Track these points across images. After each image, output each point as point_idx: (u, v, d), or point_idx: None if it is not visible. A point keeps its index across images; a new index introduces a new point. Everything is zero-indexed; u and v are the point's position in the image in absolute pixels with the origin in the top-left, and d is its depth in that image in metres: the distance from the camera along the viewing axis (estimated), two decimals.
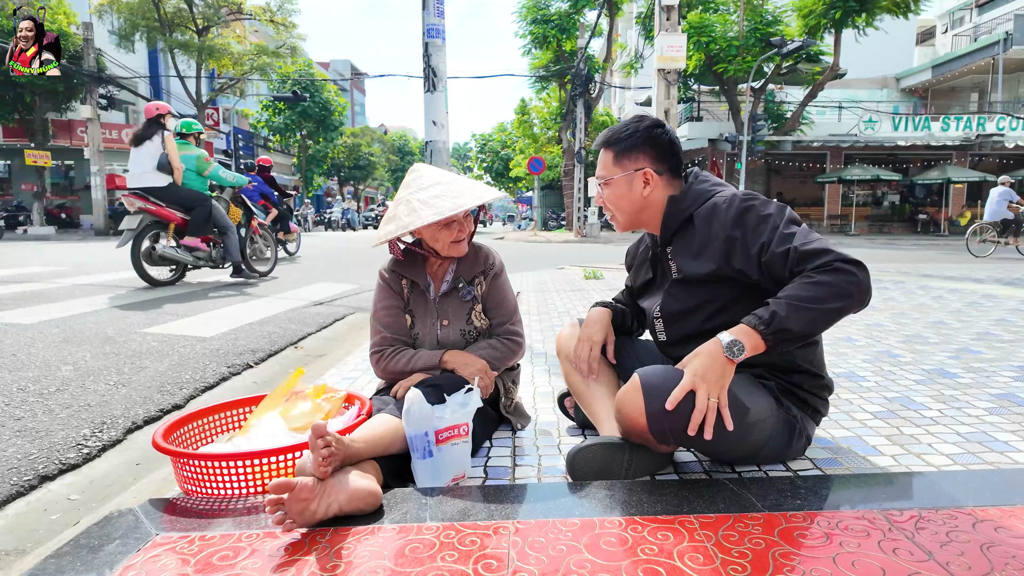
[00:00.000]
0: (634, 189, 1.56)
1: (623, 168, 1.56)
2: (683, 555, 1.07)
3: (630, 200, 1.57)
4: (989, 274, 6.69)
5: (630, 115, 1.74)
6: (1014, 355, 2.76)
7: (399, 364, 1.75)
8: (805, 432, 1.51)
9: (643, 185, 1.55)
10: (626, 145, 1.56)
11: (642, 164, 1.55)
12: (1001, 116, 21.12)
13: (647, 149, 1.55)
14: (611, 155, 1.58)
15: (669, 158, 1.57)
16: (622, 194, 1.58)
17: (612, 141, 1.59)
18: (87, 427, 2.06)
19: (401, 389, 1.68)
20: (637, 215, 1.60)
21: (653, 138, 1.55)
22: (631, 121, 1.59)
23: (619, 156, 1.57)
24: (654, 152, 1.55)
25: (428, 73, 4.07)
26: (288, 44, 26.75)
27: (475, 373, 1.68)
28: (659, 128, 1.56)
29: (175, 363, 2.90)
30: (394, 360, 1.76)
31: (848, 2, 17.44)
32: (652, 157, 1.55)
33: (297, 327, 3.88)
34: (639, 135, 1.55)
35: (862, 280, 1.26)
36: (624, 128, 1.58)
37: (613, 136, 1.59)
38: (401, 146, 50.28)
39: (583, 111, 19.55)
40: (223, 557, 1.10)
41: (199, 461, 1.37)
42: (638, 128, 1.56)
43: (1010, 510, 1.21)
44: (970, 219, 22.07)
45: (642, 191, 1.55)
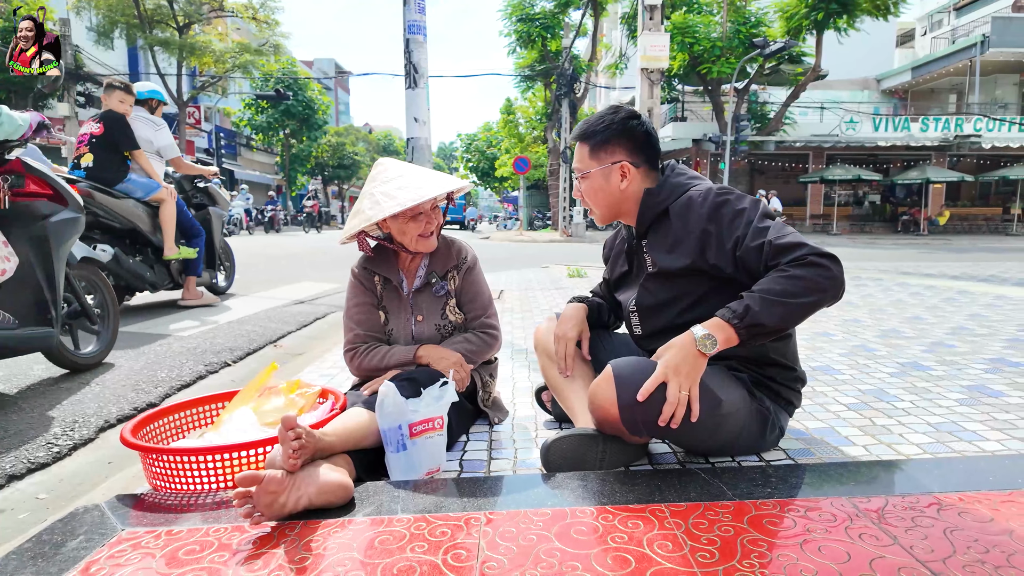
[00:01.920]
0: (611, 182, 1.55)
1: (600, 161, 1.55)
2: (652, 542, 1.07)
3: (607, 193, 1.57)
4: (964, 271, 6.81)
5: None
6: (986, 348, 2.80)
7: (373, 361, 1.74)
8: (778, 424, 1.52)
9: (620, 178, 1.54)
10: (602, 138, 1.54)
11: (619, 157, 1.54)
12: (978, 117, 21.48)
13: (623, 141, 1.54)
14: (587, 148, 1.57)
15: (646, 150, 1.56)
16: (599, 187, 1.57)
17: (588, 134, 1.57)
18: (58, 426, 2.02)
19: (370, 388, 1.67)
20: (615, 208, 1.59)
21: (629, 130, 1.54)
22: (606, 113, 1.57)
23: (595, 149, 1.55)
24: (630, 144, 1.54)
25: (409, 70, 4.06)
26: (271, 42, 26.47)
27: (450, 366, 1.67)
28: (635, 119, 1.55)
29: (151, 361, 2.86)
30: (368, 357, 1.75)
31: (830, 4, 17.65)
32: (629, 149, 1.54)
33: (277, 325, 3.85)
34: (615, 127, 1.53)
35: (835, 273, 1.26)
36: (599, 120, 1.56)
37: (589, 129, 1.57)
38: (386, 145, 50.04)
39: (568, 111, 19.59)
40: (189, 551, 1.08)
41: (167, 456, 1.36)
42: (614, 120, 1.54)
43: (974, 496, 1.23)
44: (949, 218, 22.47)
45: (619, 184, 1.55)
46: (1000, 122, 21.43)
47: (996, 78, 24.70)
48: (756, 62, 19.09)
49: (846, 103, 23.78)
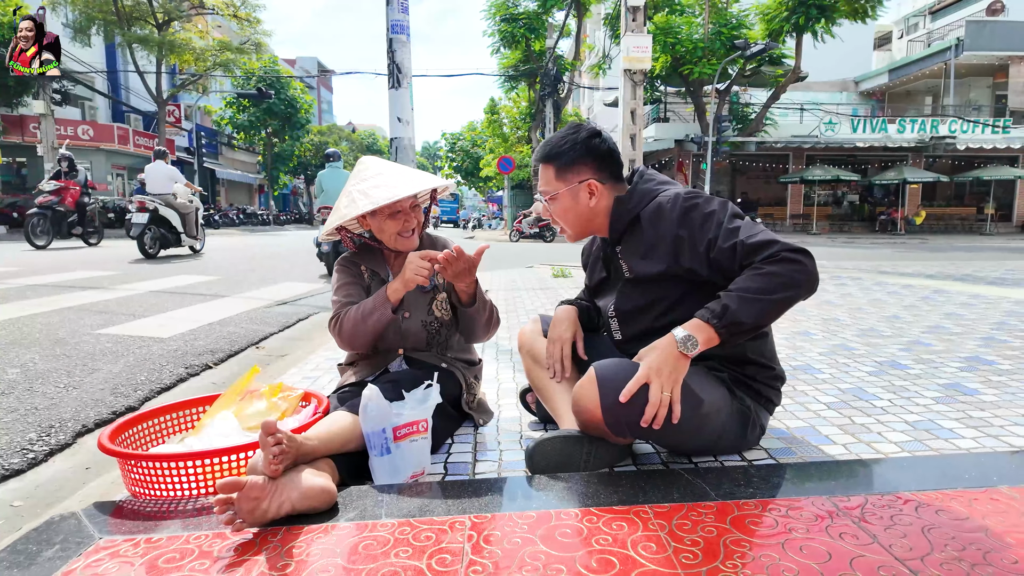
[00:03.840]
0: (580, 201, 1.55)
1: (566, 182, 1.55)
2: (637, 544, 1.07)
3: (576, 212, 1.57)
4: (940, 270, 6.94)
5: (599, 116, 1.74)
6: (961, 347, 2.86)
7: (349, 319, 1.67)
8: (759, 422, 1.54)
9: (588, 196, 1.55)
10: (567, 159, 1.54)
11: (585, 176, 1.54)
12: (953, 119, 21.90)
13: (588, 160, 1.54)
14: (552, 170, 1.57)
15: (610, 165, 1.57)
16: (568, 207, 1.57)
17: (552, 155, 1.56)
18: (33, 431, 1.98)
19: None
20: (586, 225, 1.60)
21: (592, 148, 1.54)
22: (568, 133, 1.57)
23: (561, 170, 1.56)
24: (595, 163, 1.55)
25: (392, 69, 4.04)
26: (253, 40, 26.20)
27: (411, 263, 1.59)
28: (597, 138, 1.56)
29: (130, 364, 2.82)
30: (346, 317, 1.68)
31: (809, 8, 17.91)
32: (593, 168, 1.55)
33: (259, 327, 3.80)
34: (579, 147, 1.54)
35: (809, 268, 1.29)
36: (562, 141, 1.56)
37: (552, 151, 1.56)
38: (370, 144, 49.74)
39: (552, 111, 19.64)
40: (169, 559, 1.07)
41: (146, 462, 1.33)
42: (576, 139, 1.54)
43: (951, 493, 1.26)
44: (925, 218, 22.89)
45: (588, 202, 1.55)
46: (974, 124, 21.89)
47: (970, 81, 25.22)
48: (737, 64, 19.30)
49: (825, 104, 24.13)
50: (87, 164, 23.07)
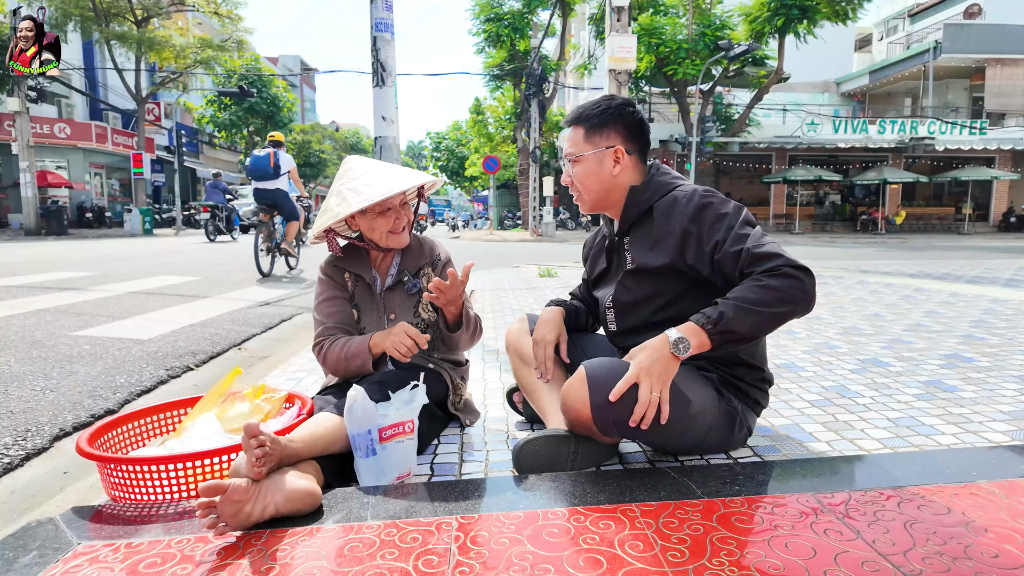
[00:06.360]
0: (604, 167, 1.55)
1: (594, 145, 1.55)
2: (624, 543, 1.07)
3: (599, 179, 1.56)
4: (921, 269, 7.05)
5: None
6: (942, 344, 2.91)
7: (333, 354, 1.67)
8: (746, 423, 1.55)
9: (613, 163, 1.54)
10: (598, 121, 1.54)
11: (613, 141, 1.54)
12: (932, 120, 22.26)
13: (618, 127, 1.54)
14: (582, 131, 1.56)
15: (639, 137, 1.57)
16: (591, 172, 1.56)
17: (583, 117, 1.56)
18: (8, 435, 1.94)
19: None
20: (604, 195, 1.58)
21: (625, 115, 1.54)
22: (602, 99, 1.58)
23: (590, 132, 1.55)
24: (625, 131, 1.54)
25: (377, 68, 4.01)
26: (234, 38, 25.86)
27: (398, 334, 1.59)
28: (631, 107, 1.56)
29: (109, 367, 2.77)
30: (331, 350, 1.68)
31: (791, 9, 18.11)
32: (623, 135, 1.54)
33: (241, 328, 3.76)
34: (611, 112, 1.54)
35: (808, 287, 1.29)
36: (595, 105, 1.56)
37: (584, 112, 1.57)
38: (354, 143, 49.46)
39: (537, 111, 19.64)
40: (150, 564, 1.05)
41: (126, 466, 1.31)
42: (610, 105, 1.55)
43: (932, 488, 1.27)
44: (905, 218, 23.25)
45: (612, 170, 1.54)
46: (952, 125, 22.27)
47: (948, 82, 25.67)
48: (721, 64, 19.46)
49: (807, 105, 24.44)
50: (63, 163, 22.68)
